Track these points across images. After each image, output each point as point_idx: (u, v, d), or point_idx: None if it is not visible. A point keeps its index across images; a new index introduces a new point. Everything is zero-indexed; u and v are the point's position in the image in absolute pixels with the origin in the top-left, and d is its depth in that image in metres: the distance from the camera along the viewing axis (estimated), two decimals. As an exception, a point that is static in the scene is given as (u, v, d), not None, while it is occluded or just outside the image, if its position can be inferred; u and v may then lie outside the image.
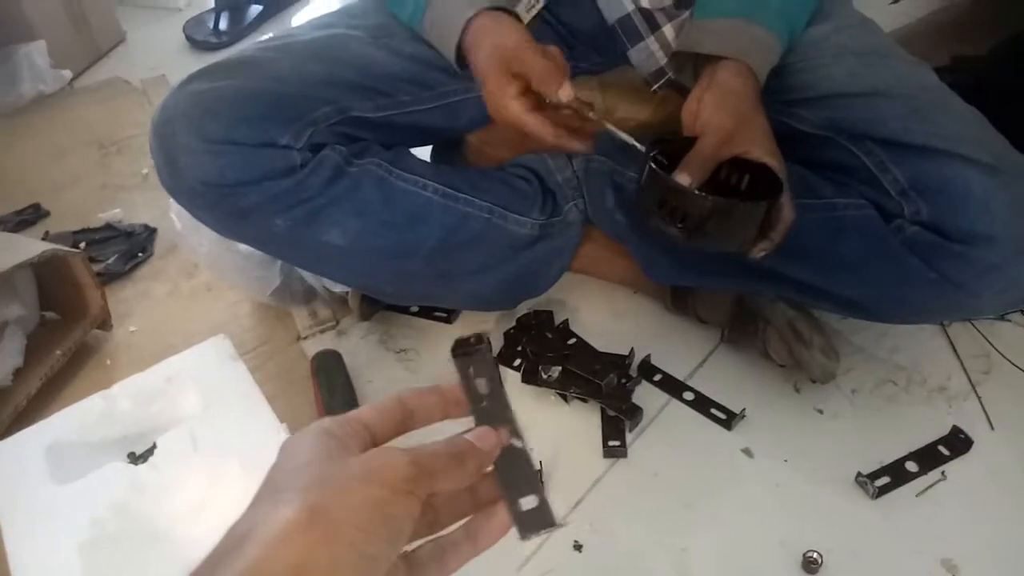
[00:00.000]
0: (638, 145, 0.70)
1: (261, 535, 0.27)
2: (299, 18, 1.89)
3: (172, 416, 0.79)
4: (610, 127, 0.72)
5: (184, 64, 1.71)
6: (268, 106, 0.77)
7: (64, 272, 0.99)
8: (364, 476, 0.29)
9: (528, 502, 0.34)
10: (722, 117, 0.69)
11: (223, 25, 1.79)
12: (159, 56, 1.76)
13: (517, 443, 0.36)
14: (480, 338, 0.38)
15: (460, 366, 0.38)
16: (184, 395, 0.79)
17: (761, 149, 0.68)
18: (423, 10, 0.81)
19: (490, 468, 0.35)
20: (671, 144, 0.71)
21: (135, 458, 0.79)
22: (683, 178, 0.65)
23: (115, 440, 0.78)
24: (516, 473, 0.35)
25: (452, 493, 0.35)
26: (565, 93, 0.70)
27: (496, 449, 0.35)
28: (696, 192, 0.64)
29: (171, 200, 0.89)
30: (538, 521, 0.34)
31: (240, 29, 1.79)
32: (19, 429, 0.82)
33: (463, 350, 0.38)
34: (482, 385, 0.37)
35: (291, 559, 0.27)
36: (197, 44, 1.76)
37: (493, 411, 0.36)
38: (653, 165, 0.66)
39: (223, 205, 0.78)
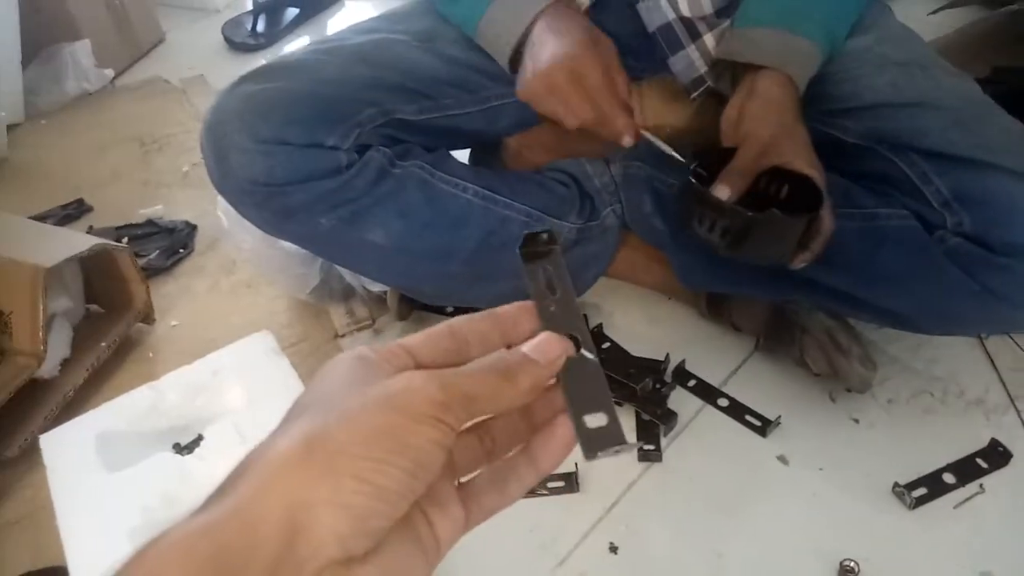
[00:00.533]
0: (678, 156, 0.71)
1: (255, 471, 0.25)
2: (335, 21, 1.91)
3: (217, 409, 0.81)
4: (651, 137, 0.74)
5: (222, 65, 1.74)
6: (316, 108, 0.79)
7: (110, 266, 1.02)
8: (379, 402, 0.26)
9: (595, 419, 0.30)
10: (763, 128, 0.69)
11: (260, 27, 1.82)
12: (198, 56, 1.79)
13: (587, 354, 0.31)
14: (552, 237, 0.34)
15: (531, 269, 0.33)
16: (229, 388, 0.81)
17: (801, 160, 0.69)
18: (484, 7, 0.82)
19: (552, 382, 0.31)
20: (710, 155, 0.71)
21: (180, 449, 0.81)
22: (722, 189, 0.66)
23: (162, 431, 0.80)
24: (583, 387, 0.31)
25: (508, 416, 0.32)
26: (626, 142, 0.72)
27: (559, 360, 0.30)
28: (736, 207, 0.65)
29: (218, 198, 0.91)
30: (606, 439, 0.30)
31: (277, 31, 1.82)
32: (67, 418, 0.84)
33: (534, 249, 0.34)
34: (551, 291, 0.33)
35: (285, 495, 0.23)
36: (235, 45, 1.79)
37: (562, 319, 0.32)
38: (693, 180, 0.66)
39: (270, 204, 0.80)
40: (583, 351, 0.31)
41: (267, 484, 0.24)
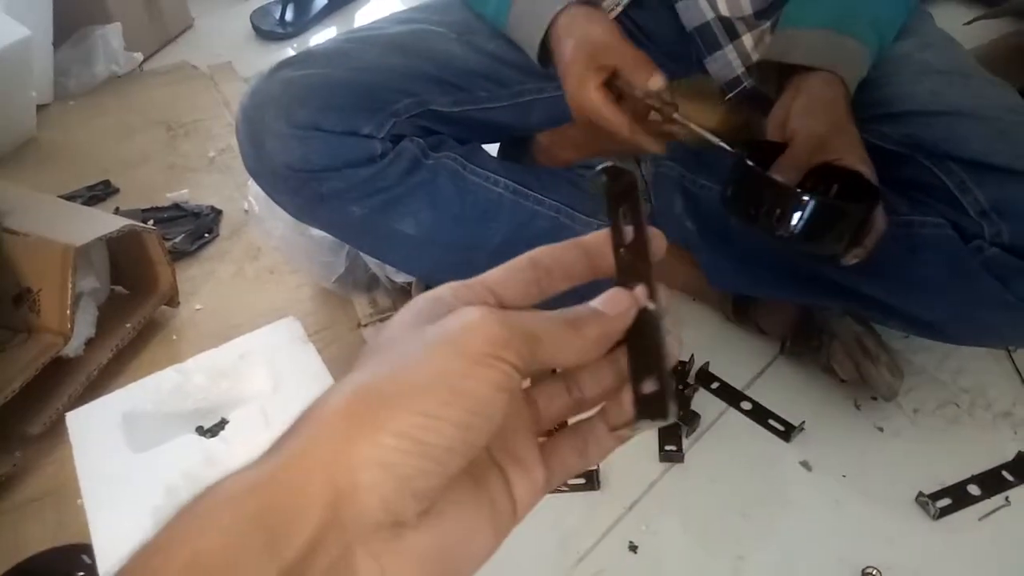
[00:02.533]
0: (725, 146, 0.70)
1: (304, 426, 0.23)
2: (362, 12, 1.92)
3: (242, 393, 0.81)
4: (695, 127, 0.73)
5: (249, 52, 1.75)
6: (354, 95, 0.79)
7: (137, 248, 1.02)
8: (433, 344, 0.23)
9: (649, 385, 0.27)
10: (814, 123, 0.69)
11: (289, 16, 1.82)
12: (225, 43, 1.80)
13: (651, 306, 0.28)
14: (633, 183, 0.30)
15: (613, 205, 0.29)
16: (255, 373, 0.81)
17: (854, 156, 0.68)
18: (508, 6, 0.82)
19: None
20: (758, 149, 0.71)
21: (203, 432, 0.81)
22: (774, 177, 0.65)
23: (187, 413, 0.80)
24: (643, 346, 0.28)
25: (594, 366, 0.29)
26: (655, 82, 0.71)
27: (629, 314, 0.27)
28: (798, 191, 0.63)
29: (249, 182, 0.91)
30: (650, 410, 0.27)
31: (305, 21, 1.82)
32: (90, 397, 0.84)
33: (616, 184, 0.29)
34: (628, 232, 0.29)
35: (327, 455, 0.22)
36: (263, 34, 1.80)
37: (632, 261, 0.29)
38: (751, 163, 0.65)
39: (304, 190, 0.80)
40: (648, 304, 0.28)
41: (312, 443, 0.22)
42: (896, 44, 0.83)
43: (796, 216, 0.64)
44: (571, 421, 0.30)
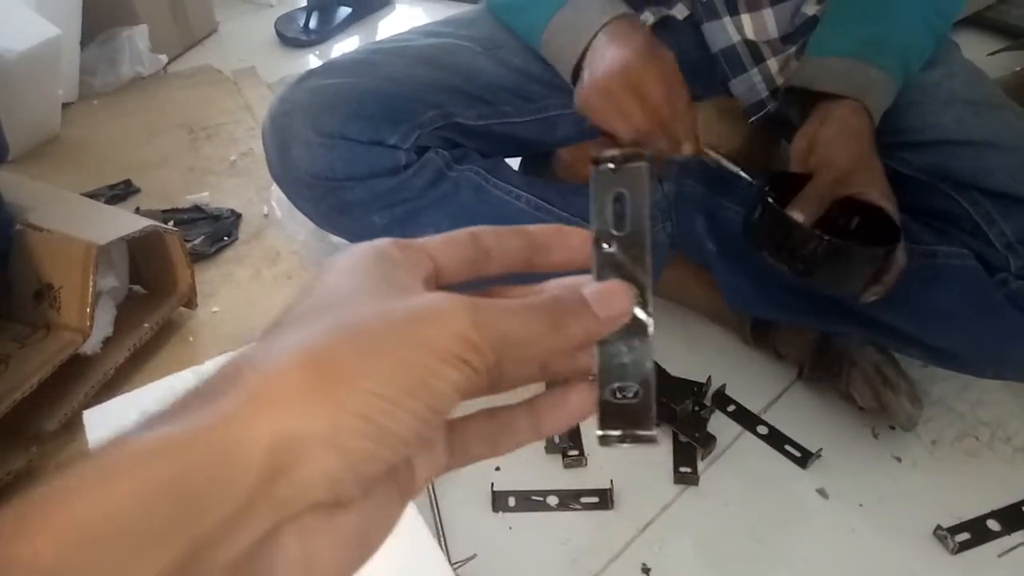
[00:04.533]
0: (748, 178, 0.71)
1: (244, 383, 0.20)
2: (386, 23, 1.93)
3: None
4: (716, 155, 0.73)
5: (273, 58, 1.76)
6: (380, 105, 0.80)
7: (157, 248, 1.02)
8: (402, 329, 0.21)
9: (624, 393, 0.25)
10: (840, 155, 0.69)
11: (313, 24, 1.83)
12: (249, 48, 1.81)
13: (641, 315, 0.25)
14: (640, 155, 0.26)
15: (599, 183, 0.26)
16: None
17: (877, 191, 0.68)
18: (548, 18, 0.81)
19: None
20: (780, 180, 0.71)
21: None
22: (796, 215, 0.65)
23: (202, 415, 0.80)
24: (622, 351, 0.25)
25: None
26: (687, 149, 0.72)
27: (621, 319, 0.25)
28: (817, 233, 0.64)
29: (272, 188, 0.92)
30: (631, 421, 0.25)
31: (329, 29, 1.83)
32: (106, 396, 0.85)
33: (611, 165, 0.26)
34: (620, 219, 0.26)
35: (277, 425, 0.19)
36: (287, 40, 1.81)
37: (623, 262, 0.25)
38: (771, 200, 0.66)
39: (328, 198, 0.81)
40: (637, 310, 0.25)
41: (257, 404, 0.20)
42: (923, 73, 0.83)
43: (814, 257, 0.64)
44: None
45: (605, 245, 0.26)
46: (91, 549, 0.17)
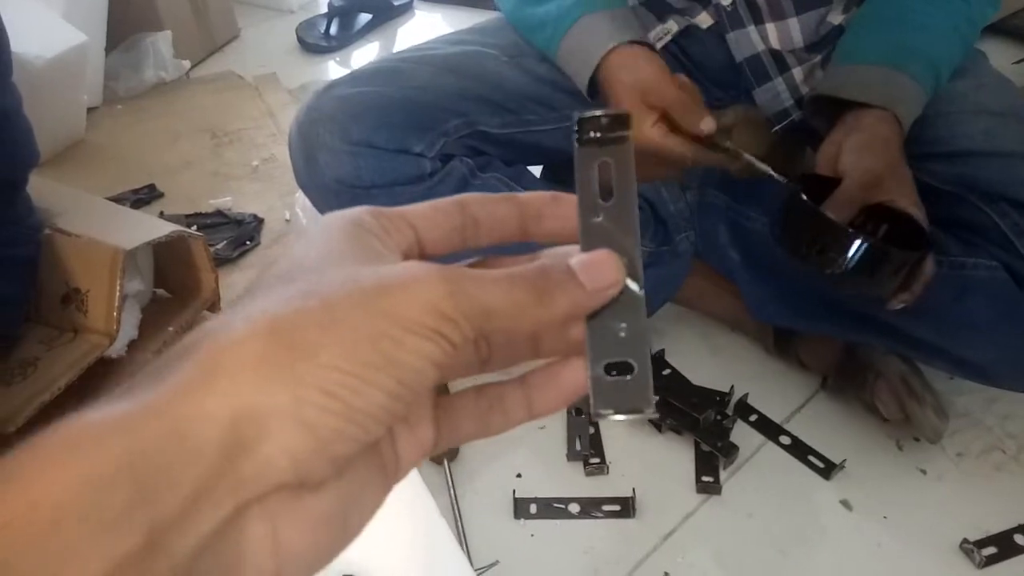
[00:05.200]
0: (779, 177, 0.70)
1: (200, 356, 0.19)
2: (405, 29, 1.94)
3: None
4: (750, 158, 0.73)
5: (294, 64, 1.78)
6: (406, 114, 0.80)
7: (182, 253, 1.03)
8: (368, 298, 0.20)
9: (618, 369, 0.24)
10: (870, 161, 0.69)
11: (333, 30, 1.85)
12: (270, 54, 1.82)
13: (632, 286, 0.24)
14: (622, 119, 0.25)
15: (583, 154, 0.25)
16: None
17: (906, 198, 0.68)
18: (559, 39, 0.82)
19: None
20: (810, 183, 0.70)
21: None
22: (827, 214, 0.65)
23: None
24: (615, 325, 0.24)
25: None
26: (707, 124, 0.71)
27: (611, 290, 0.23)
28: (852, 231, 0.63)
29: (297, 194, 0.93)
30: (626, 398, 0.24)
31: (349, 35, 1.85)
32: (132, 398, 0.85)
33: (594, 134, 0.25)
34: (606, 189, 0.25)
35: (232, 397, 0.18)
36: (308, 46, 1.83)
37: (612, 232, 0.24)
38: (805, 198, 0.65)
39: (353, 205, 0.80)
40: (628, 281, 0.24)
41: (211, 379, 0.18)
42: (950, 83, 0.83)
43: (847, 256, 0.64)
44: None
45: (592, 216, 0.25)
46: (47, 537, 0.16)
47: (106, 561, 0.16)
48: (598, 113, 0.25)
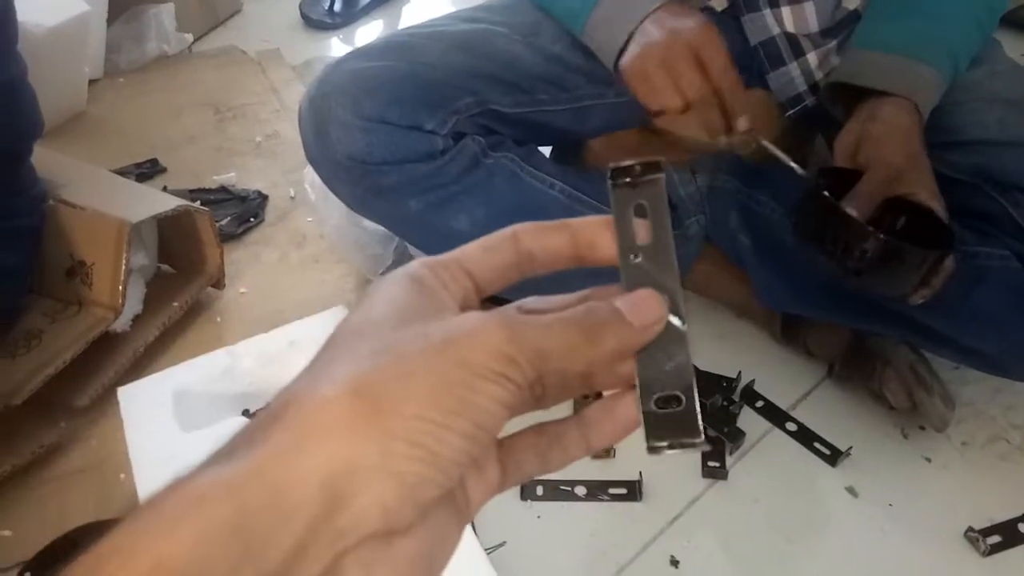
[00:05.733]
0: (799, 169, 0.70)
1: (292, 419, 0.21)
2: (409, 7, 1.92)
3: (288, 378, 0.81)
4: (766, 143, 0.73)
5: (297, 40, 1.76)
6: (419, 89, 0.79)
7: (187, 228, 1.02)
8: (439, 350, 0.22)
9: (668, 402, 0.25)
10: (891, 154, 0.68)
11: (337, 7, 1.82)
12: (273, 30, 1.80)
13: (675, 321, 0.25)
14: (656, 165, 0.26)
15: (619, 199, 0.26)
16: (302, 359, 0.81)
17: (927, 192, 0.67)
18: (591, 7, 0.80)
19: None
20: (829, 175, 0.70)
21: (249, 415, 0.81)
22: (850, 211, 0.65)
23: (234, 395, 0.80)
24: (662, 359, 0.25)
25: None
26: (742, 124, 0.71)
27: (656, 327, 0.25)
28: (873, 231, 0.62)
29: (307, 170, 0.92)
30: (678, 430, 0.25)
31: (354, 12, 1.83)
32: (136, 374, 0.85)
33: (627, 178, 0.26)
34: (643, 231, 0.26)
35: (328, 458, 0.20)
36: (311, 23, 1.80)
37: (651, 271, 0.26)
38: (827, 194, 0.65)
39: (364, 181, 0.80)
40: (671, 316, 0.25)
41: (306, 439, 0.20)
42: (966, 71, 0.82)
43: (870, 255, 0.63)
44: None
45: (631, 256, 0.26)
46: None
47: None
48: (631, 162, 0.26)
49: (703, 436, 0.25)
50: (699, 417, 0.25)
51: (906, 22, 0.78)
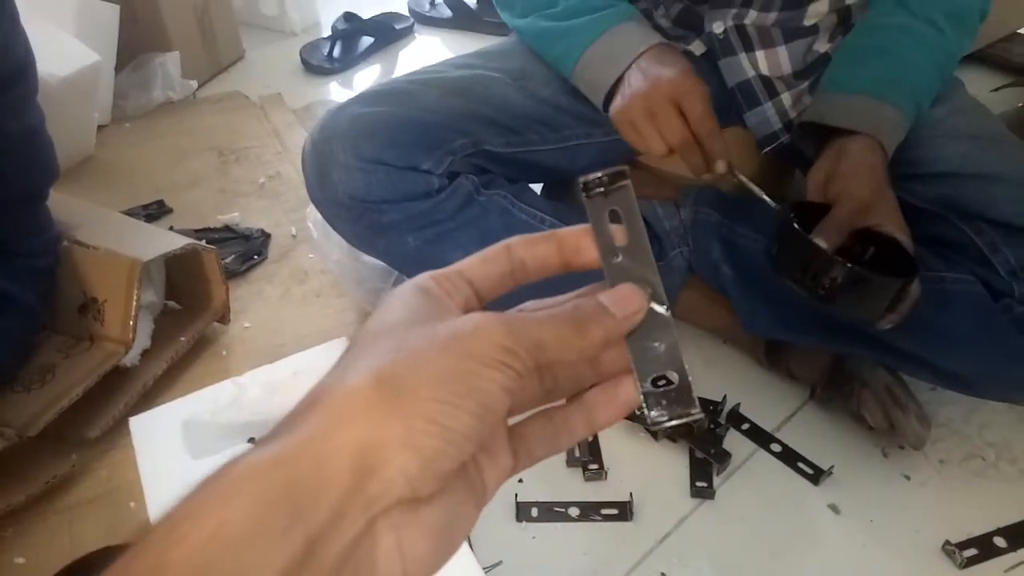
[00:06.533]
0: (772, 203, 0.74)
1: (325, 405, 0.24)
2: (406, 52, 1.99)
3: (292, 407, 0.85)
4: (745, 180, 0.77)
5: (298, 85, 1.82)
6: (416, 133, 0.84)
7: (193, 266, 1.07)
8: (446, 345, 0.25)
9: (664, 380, 0.28)
10: (857, 188, 0.73)
11: (336, 52, 1.90)
12: (275, 75, 1.87)
13: (659, 309, 0.29)
14: (622, 173, 0.30)
15: (593, 208, 0.30)
16: (306, 388, 0.84)
17: (893, 223, 0.72)
18: (586, 47, 0.86)
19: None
20: (802, 208, 0.74)
21: (255, 443, 0.85)
22: (819, 242, 0.69)
23: (240, 424, 0.84)
24: (652, 344, 0.29)
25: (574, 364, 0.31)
26: (720, 167, 0.76)
27: (637, 316, 0.28)
28: (841, 260, 0.67)
29: (309, 209, 0.96)
30: (675, 404, 0.28)
31: (352, 57, 1.90)
32: (144, 406, 0.88)
33: (598, 187, 0.30)
34: (619, 234, 0.29)
35: (358, 435, 0.23)
36: (311, 68, 1.87)
37: (632, 268, 0.29)
38: (797, 226, 0.69)
39: (364, 219, 0.85)
40: (654, 305, 0.29)
41: (338, 420, 0.24)
42: (930, 109, 0.88)
43: (837, 282, 0.67)
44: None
45: (613, 257, 0.29)
46: (230, 548, 0.21)
47: (279, 563, 0.22)
48: (599, 173, 0.30)
49: (698, 407, 0.28)
50: (693, 390, 0.28)
51: (872, 66, 0.84)
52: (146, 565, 0.21)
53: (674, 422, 0.28)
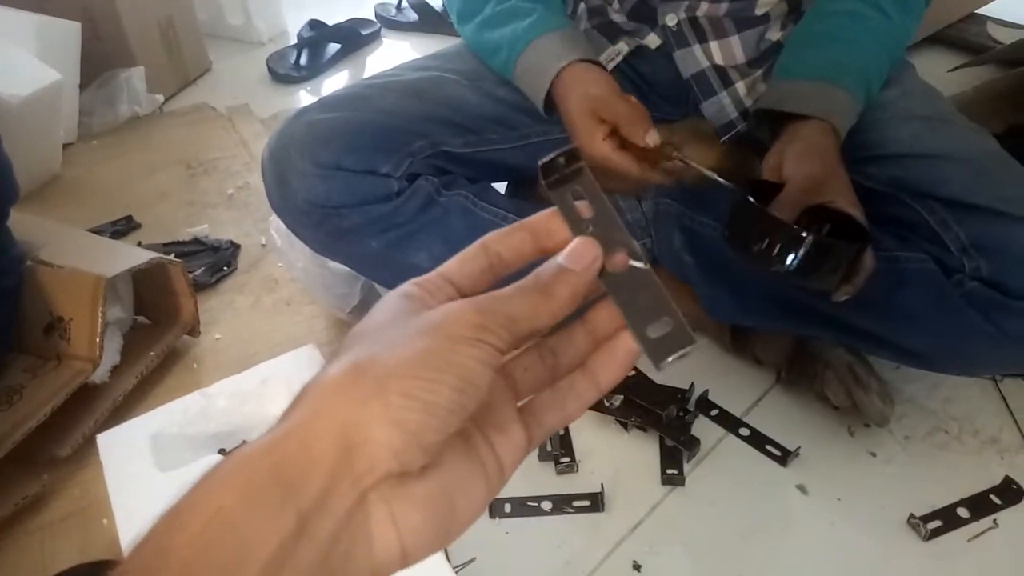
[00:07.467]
0: (725, 183, 0.75)
1: (309, 397, 0.26)
2: (373, 57, 2.00)
3: (262, 417, 0.85)
4: (697, 166, 0.78)
5: (265, 94, 1.82)
6: (373, 137, 0.85)
7: (161, 280, 1.07)
8: (422, 331, 0.27)
9: (658, 327, 0.29)
10: (810, 166, 0.74)
11: (303, 60, 1.90)
12: (242, 86, 1.87)
13: (637, 264, 0.30)
14: (574, 155, 0.32)
15: (558, 196, 0.31)
16: (275, 397, 0.85)
17: (845, 199, 0.73)
18: (515, 60, 0.88)
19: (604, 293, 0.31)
20: (756, 188, 0.75)
21: (225, 454, 0.85)
22: (773, 213, 0.70)
23: (210, 435, 0.84)
24: (639, 297, 0.30)
25: (568, 334, 0.32)
26: (651, 138, 0.77)
27: (596, 263, 0.30)
28: (796, 228, 0.68)
29: (271, 217, 0.97)
30: (674, 343, 0.29)
31: (319, 64, 1.90)
32: (116, 422, 0.88)
33: (557, 175, 0.32)
34: (585, 209, 0.31)
35: (339, 417, 0.25)
36: (278, 77, 1.87)
37: (604, 235, 0.31)
38: (753, 199, 0.70)
39: (325, 225, 0.85)
40: (632, 262, 0.30)
41: (320, 406, 0.25)
42: (881, 92, 0.89)
43: (793, 252, 0.68)
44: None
45: (584, 230, 0.31)
46: (228, 529, 0.23)
47: (275, 538, 0.24)
48: (553, 155, 0.32)
49: (695, 340, 0.30)
50: (686, 326, 0.30)
51: (822, 52, 0.85)
52: (150, 552, 0.23)
53: (676, 355, 0.29)
